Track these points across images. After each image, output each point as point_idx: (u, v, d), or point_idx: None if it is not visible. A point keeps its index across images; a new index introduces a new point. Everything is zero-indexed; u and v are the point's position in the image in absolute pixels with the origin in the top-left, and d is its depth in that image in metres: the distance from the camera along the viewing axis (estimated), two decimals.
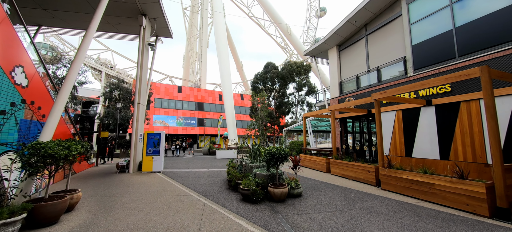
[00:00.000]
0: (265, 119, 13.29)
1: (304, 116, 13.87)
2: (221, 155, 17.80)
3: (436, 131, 8.03)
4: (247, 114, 44.14)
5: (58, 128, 7.81)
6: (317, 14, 58.50)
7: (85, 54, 6.04)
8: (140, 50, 10.72)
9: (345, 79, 13.86)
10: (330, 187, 7.19)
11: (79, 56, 5.76)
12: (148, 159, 10.05)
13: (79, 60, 5.76)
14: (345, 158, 9.13)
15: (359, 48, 13.13)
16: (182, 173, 9.94)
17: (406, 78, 9.56)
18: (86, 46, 6.01)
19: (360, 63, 12.89)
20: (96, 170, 10.67)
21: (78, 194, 4.65)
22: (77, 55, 5.74)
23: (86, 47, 6.01)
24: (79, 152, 4.30)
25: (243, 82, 62.82)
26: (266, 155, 5.86)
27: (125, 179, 8.41)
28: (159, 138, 10.31)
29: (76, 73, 5.63)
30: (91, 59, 40.39)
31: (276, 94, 27.25)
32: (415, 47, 9.51)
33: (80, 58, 5.76)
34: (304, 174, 9.74)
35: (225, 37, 35.78)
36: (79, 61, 5.74)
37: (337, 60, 14.59)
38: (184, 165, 12.81)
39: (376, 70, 11.45)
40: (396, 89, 7.11)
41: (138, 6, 10.45)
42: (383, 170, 6.87)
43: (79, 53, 5.78)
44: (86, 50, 6.06)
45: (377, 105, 7.62)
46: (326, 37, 14.46)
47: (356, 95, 12.37)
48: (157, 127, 35.28)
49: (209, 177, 9.10)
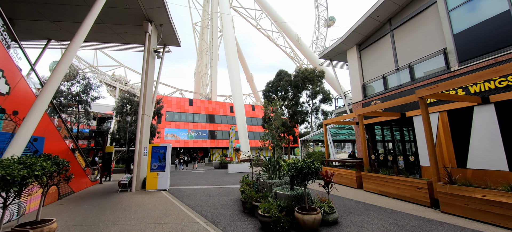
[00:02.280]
0: (280, 128, 12.04)
1: (324, 123, 12.45)
2: (233, 169, 16.53)
3: (500, 134, 6.37)
4: (258, 125, 42.92)
5: (53, 143, 7.04)
6: (325, 24, 57.82)
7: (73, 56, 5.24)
8: (146, 57, 10.04)
9: (368, 81, 12.41)
10: (371, 209, 5.68)
11: (67, 56, 4.94)
12: (152, 175, 9.02)
13: (65, 62, 4.94)
14: (382, 170, 7.56)
15: (383, 45, 11.76)
16: (189, 191, 8.77)
17: (450, 73, 8.02)
18: (75, 47, 5.20)
19: (386, 62, 11.47)
20: (98, 189, 9.77)
21: (50, 227, 3.58)
22: (64, 55, 4.93)
23: (75, 48, 5.21)
24: (48, 172, 3.28)
25: (254, 94, 62.23)
26: (291, 169, 4.57)
27: (124, 199, 7.36)
28: (164, 151, 9.30)
29: (59, 76, 4.78)
30: (106, 76, 41.64)
31: (289, 103, 25.96)
32: (458, 36, 8.05)
33: (66, 60, 4.94)
34: (331, 190, 8.22)
35: (234, 47, 35.56)
36: (64, 63, 4.92)
37: (358, 60, 13.24)
38: (193, 181, 11.66)
39: (407, 68, 9.97)
40: (438, 87, 5.69)
41: (143, 12, 9.89)
42: (441, 186, 5.31)
43: (66, 54, 4.97)
44: (75, 51, 5.26)
45: (423, 105, 6.17)
46: (343, 36, 13.24)
47: (384, 98, 10.85)
48: (169, 140, 34.85)
49: (220, 195, 7.85)
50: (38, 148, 6.02)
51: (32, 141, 5.80)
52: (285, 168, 5.36)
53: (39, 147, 6.07)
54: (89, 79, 22.88)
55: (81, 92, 21.65)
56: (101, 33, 11.57)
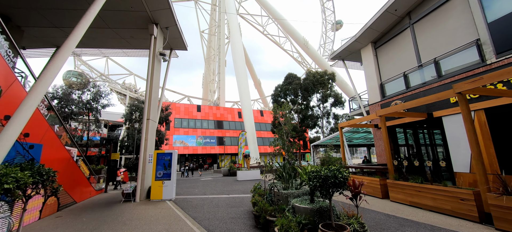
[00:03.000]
0: (290, 133, 11.31)
1: (340, 126, 11.59)
2: (242, 176, 15.81)
3: None
4: (267, 131, 42.13)
5: (53, 151, 6.63)
6: (333, 27, 57.10)
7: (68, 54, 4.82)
8: (151, 60, 9.69)
9: (387, 80, 11.52)
10: (407, 225, 4.81)
11: (61, 53, 4.51)
12: (157, 184, 8.47)
13: (59, 60, 4.52)
14: (413, 178, 6.64)
15: (402, 41, 10.90)
16: (196, 202, 8.14)
17: (486, 66, 7.09)
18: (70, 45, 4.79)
19: (406, 58, 10.59)
20: (102, 198, 9.32)
21: None
22: (59, 51, 4.51)
23: (70, 46, 4.80)
24: (25, 184, 2.75)
25: (262, 99, 61.73)
26: (313, 179, 3.84)
27: (126, 211, 6.81)
28: (170, 158, 8.76)
29: (52, 73, 4.33)
30: (117, 84, 42.45)
31: (299, 107, 25.13)
32: (493, 25, 7.14)
33: (60, 58, 4.51)
34: (361, 202, 7.33)
35: (242, 52, 35.36)
36: (59, 61, 4.49)
37: (374, 59, 12.39)
38: (201, 190, 11.04)
39: (433, 63, 9.06)
40: (483, 79, 4.83)
41: (148, 14, 9.60)
42: (496, 198, 4.39)
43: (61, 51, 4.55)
44: (70, 48, 4.84)
45: (463, 102, 5.31)
46: (357, 34, 12.47)
47: (406, 97, 9.94)
48: (177, 147, 34.67)
49: (230, 206, 7.16)
50: (34, 156, 5.61)
51: (28, 148, 5.40)
52: (304, 176, 4.62)
53: (35, 154, 5.67)
54: (99, 87, 23.16)
55: (91, 100, 21.89)
56: (107, 38, 11.40)
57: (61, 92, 20.40)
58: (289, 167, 6.06)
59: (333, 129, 27.08)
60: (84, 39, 11.94)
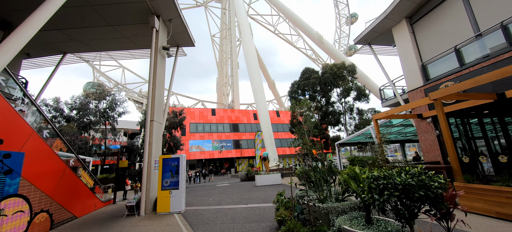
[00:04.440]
0: (312, 130, 9.76)
1: (374, 118, 9.76)
2: (261, 181, 14.37)
3: None
4: (285, 131, 40.35)
5: (39, 161, 5.68)
6: (347, 21, 54.41)
7: (29, 34, 3.79)
8: (153, 55, 8.71)
9: (430, 60, 9.52)
10: None
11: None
12: (164, 194, 7.33)
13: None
14: (501, 180, 4.76)
15: (449, 9, 8.92)
16: (209, 214, 6.86)
17: None
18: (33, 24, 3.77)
19: (456, 30, 8.60)
20: (106, 212, 8.40)
21: None
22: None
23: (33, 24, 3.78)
24: None
25: (277, 100, 60.04)
26: (382, 191, 2.32)
27: (126, 229, 5.70)
28: (177, 163, 7.61)
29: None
30: (133, 93, 43.39)
31: (319, 103, 23.23)
32: None
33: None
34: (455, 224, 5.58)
35: (254, 52, 34.21)
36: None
37: (411, 37, 10.42)
38: (215, 199, 9.78)
39: (499, 29, 7.03)
40: None
41: (148, 4, 8.66)
42: None
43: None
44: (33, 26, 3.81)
45: None
46: (387, 9, 10.59)
47: (461, 77, 7.95)
48: (193, 152, 34.19)
49: (248, 221, 5.78)
50: (12, 167, 4.68)
51: (1, 158, 4.46)
52: (353, 185, 3.09)
53: (14, 165, 4.74)
54: (115, 95, 23.22)
55: (107, 109, 21.93)
56: (110, 38, 10.72)
57: (79, 102, 20.59)
58: (322, 171, 4.55)
59: (358, 125, 24.68)
60: (87, 41, 11.42)
